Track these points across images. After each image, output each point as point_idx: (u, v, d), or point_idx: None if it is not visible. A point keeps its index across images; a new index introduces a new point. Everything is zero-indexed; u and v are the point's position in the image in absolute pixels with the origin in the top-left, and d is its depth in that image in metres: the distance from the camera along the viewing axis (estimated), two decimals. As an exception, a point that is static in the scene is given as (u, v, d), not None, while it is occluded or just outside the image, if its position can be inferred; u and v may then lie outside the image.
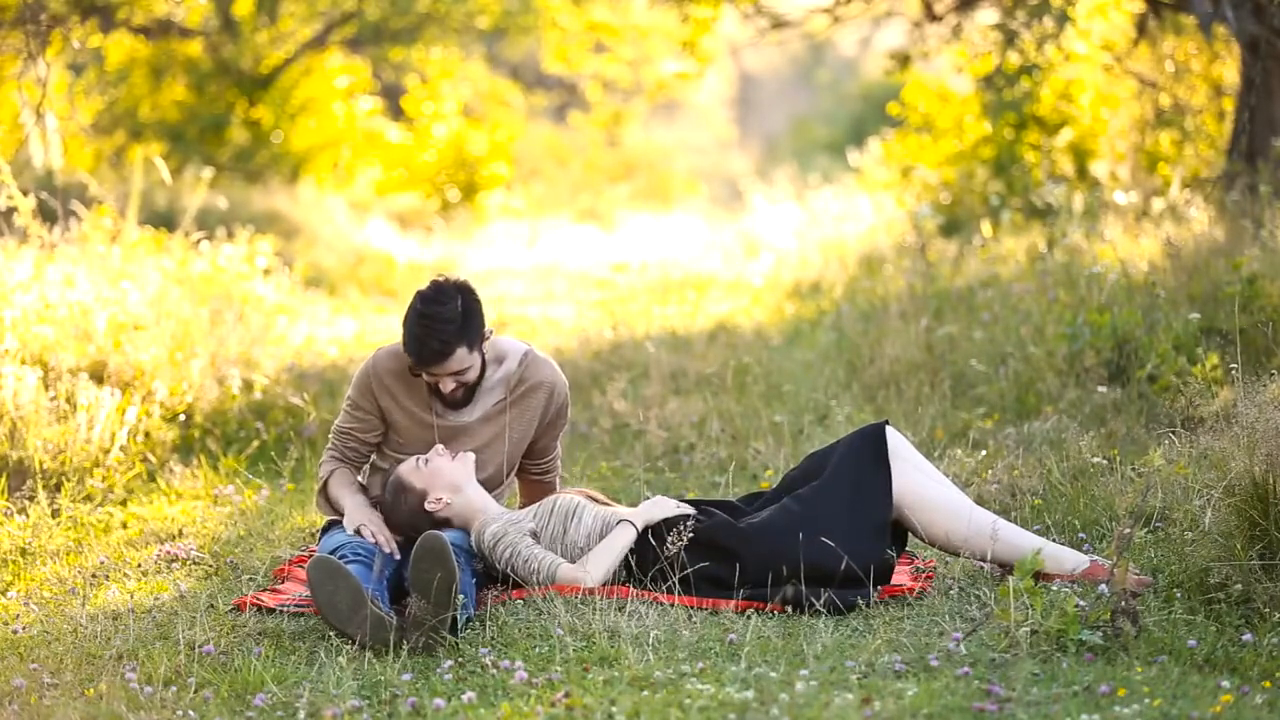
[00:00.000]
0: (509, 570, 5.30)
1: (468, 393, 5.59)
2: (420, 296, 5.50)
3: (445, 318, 5.43)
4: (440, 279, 5.54)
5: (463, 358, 5.48)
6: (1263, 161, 10.00)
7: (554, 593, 5.14)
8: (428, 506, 5.43)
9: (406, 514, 5.45)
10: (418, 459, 5.50)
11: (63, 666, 4.76)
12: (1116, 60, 12.91)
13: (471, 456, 5.53)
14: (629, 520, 5.32)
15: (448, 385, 5.54)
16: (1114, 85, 13.05)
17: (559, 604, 5.03)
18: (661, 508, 5.36)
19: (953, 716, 4.19)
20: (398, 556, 5.38)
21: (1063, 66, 12.77)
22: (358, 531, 5.45)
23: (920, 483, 5.29)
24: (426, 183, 19.03)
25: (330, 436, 5.75)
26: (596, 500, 5.50)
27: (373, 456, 5.76)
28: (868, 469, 5.29)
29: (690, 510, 5.37)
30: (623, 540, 5.28)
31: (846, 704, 4.25)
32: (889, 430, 5.37)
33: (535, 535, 5.34)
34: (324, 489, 5.70)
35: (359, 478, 5.73)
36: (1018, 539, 5.22)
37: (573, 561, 5.31)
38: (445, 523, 5.44)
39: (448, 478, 5.45)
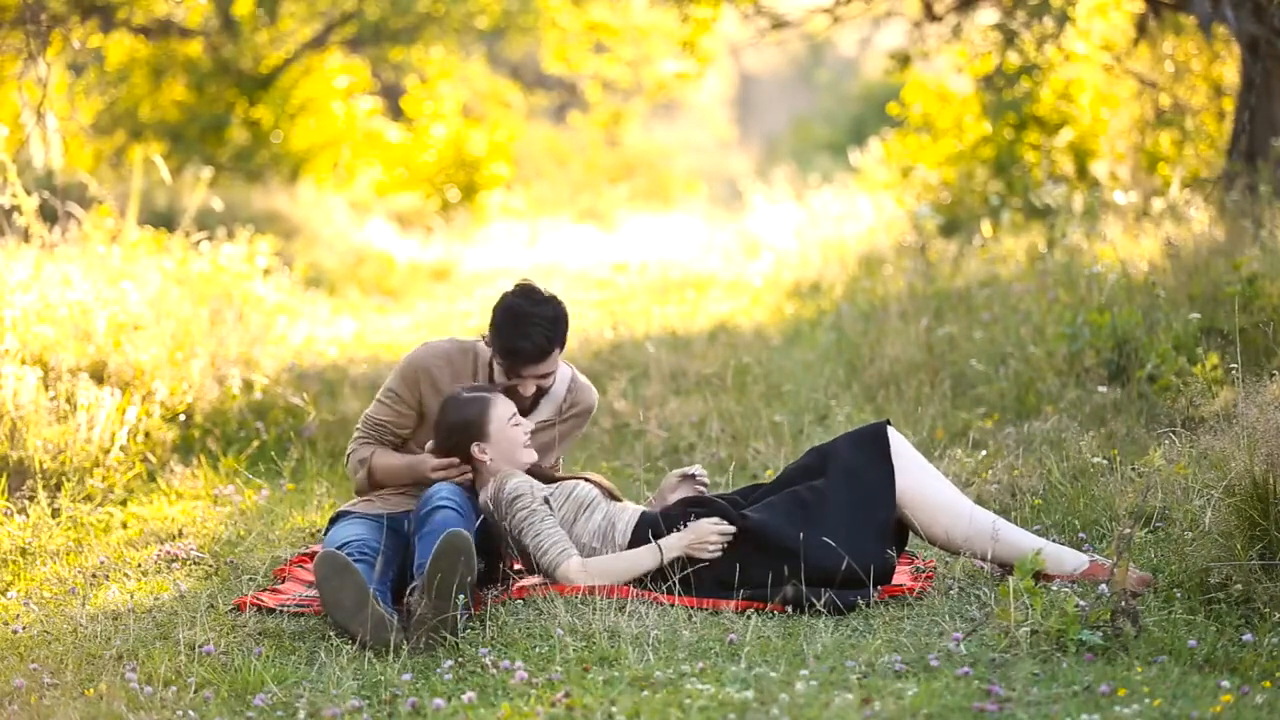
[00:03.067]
0: (514, 532, 5.22)
1: (535, 400, 5.57)
2: (519, 295, 5.43)
3: (547, 316, 5.38)
4: (526, 283, 5.50)
5: (555, 359, 5.45)
6: (1263, 161, 9.99)
7: (554, 593, 5.13)
8: (473, 450, 5.33)
9: (446, 434, 5.36)
10: (515, 415, 5.37)
11: (63, 666, 4.76)
12: (1116, 60, 12.90)
13: (534, 455, 5.44)
14: (658, 546, 5.22)
15: (529, 388, 5.48)
16: (1114, 85, 13.05)
17: (559, 604, 5.03)
18: (699, 534, 5.23)
19: (953, 716, 4.19)
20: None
21: (1063, 66, 12.76)
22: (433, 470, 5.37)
23: (922, 482, 5.29)
24: (426, 183, 19.01)
25: (360, 426, 5.67)
26: (612, 495, 5.45)
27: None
28: (870, 469, 5.28)
29: (732, 529, 5.23)
30: (643, 565, 5.21)
31: (846, 704, 4.25)
32: (889, 430, 5.37)
33: (549, 507, 5.29)
34: (368, 468, 5.61)
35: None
36: (1018, 539, 5.22)
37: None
38: (471, 472, 5.35)
39: (513, 451, 5.36)
